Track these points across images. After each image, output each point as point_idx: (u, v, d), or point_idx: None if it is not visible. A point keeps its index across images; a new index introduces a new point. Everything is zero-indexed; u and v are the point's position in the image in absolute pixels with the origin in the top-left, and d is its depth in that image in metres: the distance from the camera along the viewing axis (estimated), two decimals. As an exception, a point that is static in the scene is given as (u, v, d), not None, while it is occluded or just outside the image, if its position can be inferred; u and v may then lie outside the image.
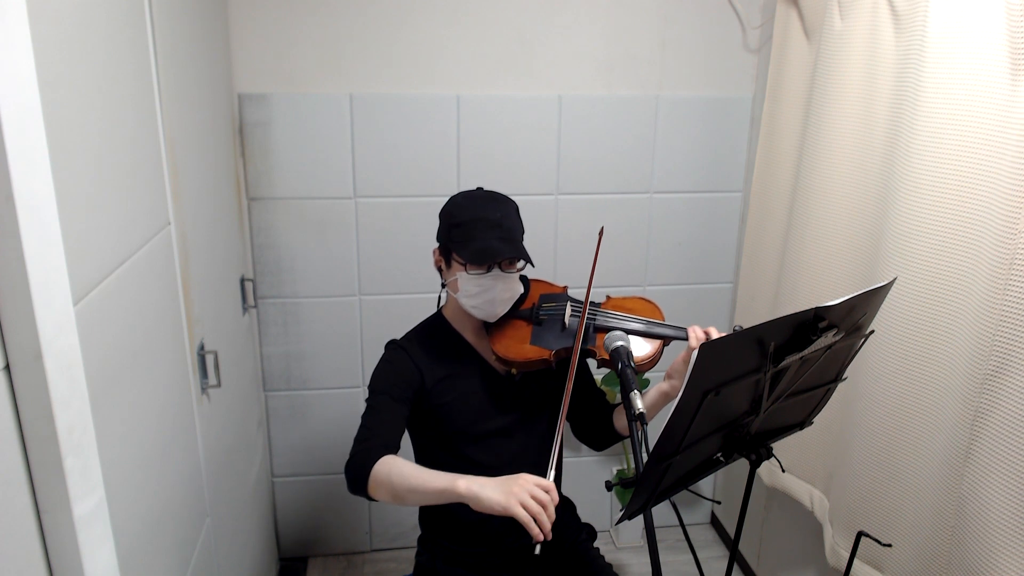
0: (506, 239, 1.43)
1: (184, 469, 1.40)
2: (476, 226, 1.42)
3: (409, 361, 1.50)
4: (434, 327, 1.59)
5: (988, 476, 1.32)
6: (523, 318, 1.55)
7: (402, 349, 1.53)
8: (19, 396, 0.78)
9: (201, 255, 1.61)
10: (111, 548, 0.92)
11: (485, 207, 1.45)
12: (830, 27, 1.79)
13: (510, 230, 1.44)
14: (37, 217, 0.77)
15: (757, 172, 2.28)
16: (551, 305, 1.57)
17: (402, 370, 1.49)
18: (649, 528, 1.08)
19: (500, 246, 1.41)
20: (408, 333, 1.59)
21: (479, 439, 1.54)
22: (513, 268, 1.46)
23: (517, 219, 1.49)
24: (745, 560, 2.59)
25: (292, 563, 2.60)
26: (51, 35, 0.87)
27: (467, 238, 1.42)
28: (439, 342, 1.56)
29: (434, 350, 1.54)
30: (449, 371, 1.53)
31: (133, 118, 1.18)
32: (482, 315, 1.49)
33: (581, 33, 2.26)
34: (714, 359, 0.95)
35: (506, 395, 1.55)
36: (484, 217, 1.43)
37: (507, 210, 1.47)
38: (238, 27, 2.10)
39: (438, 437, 1.55)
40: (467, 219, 1.44)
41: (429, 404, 1.51)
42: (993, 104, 1.33)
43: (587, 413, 1.66)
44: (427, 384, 1.50)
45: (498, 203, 1.47)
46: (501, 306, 1.48)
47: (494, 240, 1.41)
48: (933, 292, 1.47)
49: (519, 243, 1.46)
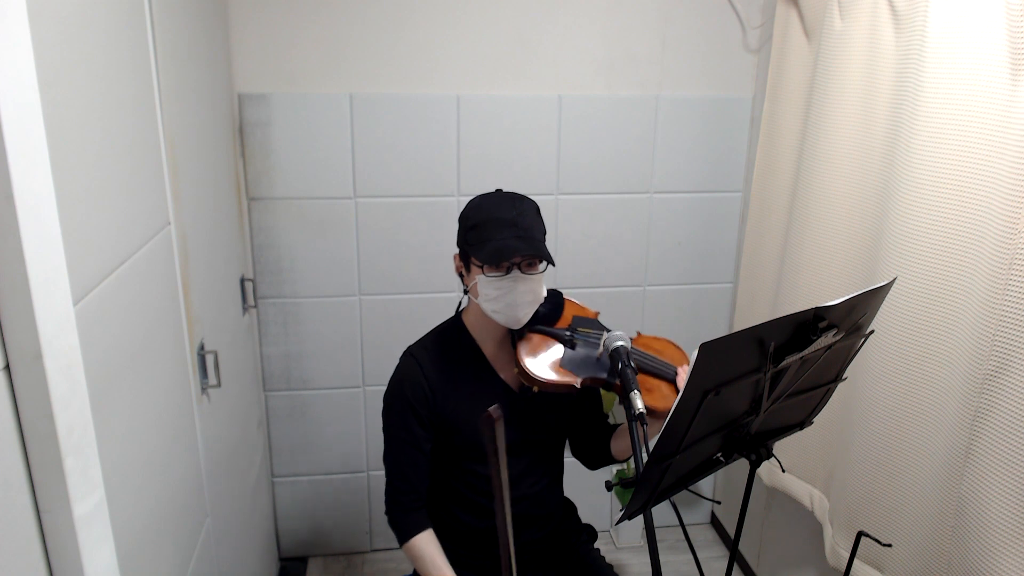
0: (523, 238, 1.37)
1: (184, 469, 1.40)
2: (492, 226, 1.38)
3: (420, 375, 1.48)
4: (450, 334, 1.55)
5: (988, 476, 1.32)
6: (558, 338, 1.48)
7: (414, 359, 1.50)
8: (19, 396, 0.78)
9: (201, 255, 1.61)
10: (111, 548, 0.92)
11: (501, 207, 1.41)
12: (830, 27, 1.79)
13: (527, 229, 1.38)
14: (37, 217, 0.77)
15: (757, 172, 2.28)
16: (586, 331, 1.51)
17: (414, 390, 1.47)
18: (649, 528, 1.08)
19: (516, 244, 1.36)
20: (423, 339, 1.56)
21: (484, 455, 1.52)
22: (534, 269, 1.40)
23: (536, 218, 1.43)
24: (745, 560, 2.59)
25: (292, 563, 2.60)
26: (51, 35, 0.87)
27: (483, 239, 1.38)
28: (453, 351, 1.52)
29: (447, 360, 1.51)
30: (460, 384, 1.50)
31: (133, 118, 1.18)
32: (504, 320, 1.42)
33: (581, 33, 2.26)
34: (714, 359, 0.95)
35: (516, 412, 1.52)
36: (499, 217, 1.38)
37: (524, 208, 1.41)
38: (238, 27, 2.10)
39: (444, 450, 1.53)
40: (482, 220, 1.39)
41: (437, 417, 1.50)
42: (993, 104, 1.33)
43: (589, 436, 1.65)
44: (436, 398, 1.49)
45: (514, 202, 1.42)
46: (523, 310, 1.41)
47: (510, 239, 1.36)
48: (933, 292, 1.47)
49: (539, 242, 1.40)
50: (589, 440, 1.65)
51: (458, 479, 1.55)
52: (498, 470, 1.01)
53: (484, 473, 1.52)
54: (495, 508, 1.04)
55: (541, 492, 1.59)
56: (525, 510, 1.57)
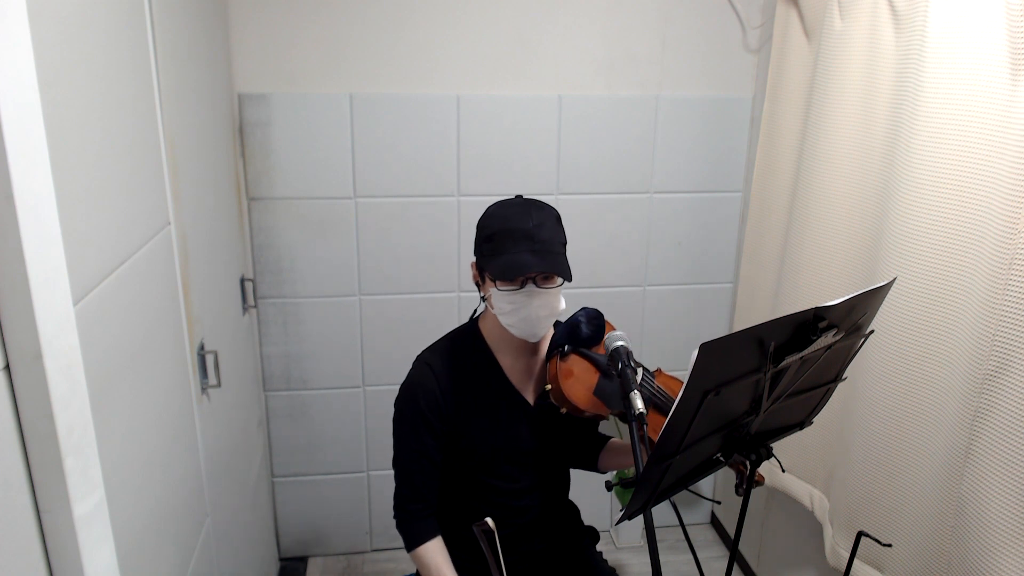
0: (540, 252, 1.30)
1: (184, 469, 1.40)
2: (507, 238, 1.31)
3: (435, 384, 1.44)
4: (464, 340, 1.50)
5: (988, 476, 1.32)
6: (595, 364, 1.42)
7: (428, 367, 1.46)
8: (19, 396, 0.78)
9: (201, 255, 1.61)
10: (111, 548, 0.92)
11: (517, 217, 1.33)
12: (830, 27, 1.79)
13: (546, 242, 1.31)
14: (37, 217, 0.76)
15: (757, 172, 2.28)
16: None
17: (427, 399, 1.44)
18: (649, 528, 1.08)
19: (530, 260, 1.29)
20: (436, 344, 1.51)
21: (496, 468, 1.50)
22: (551, 283, 1.34)
23: (556, 228, 1.35)
24: (745, 560, 2.59)
25: (292, 563, 2.60)
26: (51, 35, 0.87)
27: (497, 251, 1.32)
28: (468, 360, 1.48)
29: (461, 369, 1.47)
30: (474, 395, 1.47)
31: (133, 118, 1.18)
32: (520, 333, 1.38)
33: (581, 33, 2.26)
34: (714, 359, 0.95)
35: (528, 425, 1.49)
36: (516, 228, 1.31)
37: (542, 219, 1.33)
38: (238, 27, 2.10)
39: (455, 460, 1.51)
40: (498, 230, 1.33)
41: (449, 427, 1.47)
42: (993, 104, 1.33)
43: (580, 446, 1.64)
44: (449, 409, 1.45)
45: (532, 212, 1.34)
46: (540, 324, 1.36)
47: (525, 253, 1.29)
48: (933, 292, 1.47)
49: (557, 255, 1.33)
50: (579, 451, 1.64)
51: (468, 490, 1.53)
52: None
53: (495, 485, 1.51)
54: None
55: (549, 503, 1.59)
56: (533, 520, 1.56)
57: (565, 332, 1.44)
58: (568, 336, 1.44)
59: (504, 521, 1.52)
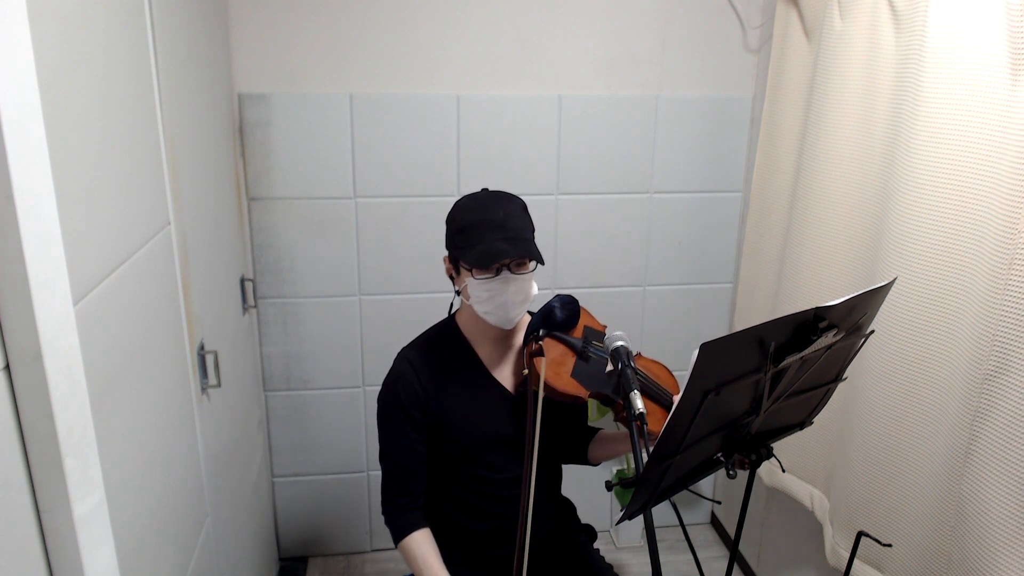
0: (512, 239, 1.36)
1: (184, 469, 1.40)
2: (479, 229, 1.37)
3: (414, 377, 1.48)
4: (443, 335, 1.55)
5: (988, 476, 1.32)
6: (572, 348, 1.47)
7: (407, 361, 1.50)
8: (19, 396, 0.78)
9: (201, 255, 1.61)
10: (111, 548, 0.92)
11: (488, 208, 1.39)
12: (830, 27, 1.79)
13: (516, 229, 1.38)
14: (37, 217, 0.77)
15: (757, 172, 2.28)
16: (599, 345, 1.50)
17: (408, 392, 1.47)
18: (649, 528, 1.08)
19: (504, 247, 1.35)
20: (416, 340, 1.56)
21: (480, 457, 1.51)
22: (524, 269, 1.40)
23: (524, 217, 1.42)
24: (745, 560, 2.59)
25: (292, 563, 2.60)
26: (51, 35, 0.87)
27: (471, 242, 1.37)
28: (446, 353, 1.52)
29: (440, 362, 1.50)
30: (454, 386, 1.50)
31: (133, 118, 1.18)
32: (496, 321, 1.43)
33: (581, 33, 2.26)
34: (714, 359, 0.95)
35: (510, 413, 1.51)
36: (487, 219, 1.37)
37: (511, 208, 1.40)
38: (238, 27, 2.10)
39: (439, 451, 1.53)
40: (470, 222, 1.39)
41: (431, 419, 1.49)
42: (993, 104, 1.33)
43: (569, 438, 1.65)
44: (430, 400, 1.48)
45: (501, 202, 1.41)
46: (515, 310, 1.41)
47: (498, 241, 1.35)
48: (933, 292, 1.47)
49: (528, 242, 1.39)
50: (568, 442, 1.65)
51: (454, 481, 1.55)
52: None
53: (480, 475, 1.52)
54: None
55: (538, 493, 1.59)
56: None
57: (540, 318, 1.47)
58: (543, 321, 1.47)
59: (491, 512, 1.53)
